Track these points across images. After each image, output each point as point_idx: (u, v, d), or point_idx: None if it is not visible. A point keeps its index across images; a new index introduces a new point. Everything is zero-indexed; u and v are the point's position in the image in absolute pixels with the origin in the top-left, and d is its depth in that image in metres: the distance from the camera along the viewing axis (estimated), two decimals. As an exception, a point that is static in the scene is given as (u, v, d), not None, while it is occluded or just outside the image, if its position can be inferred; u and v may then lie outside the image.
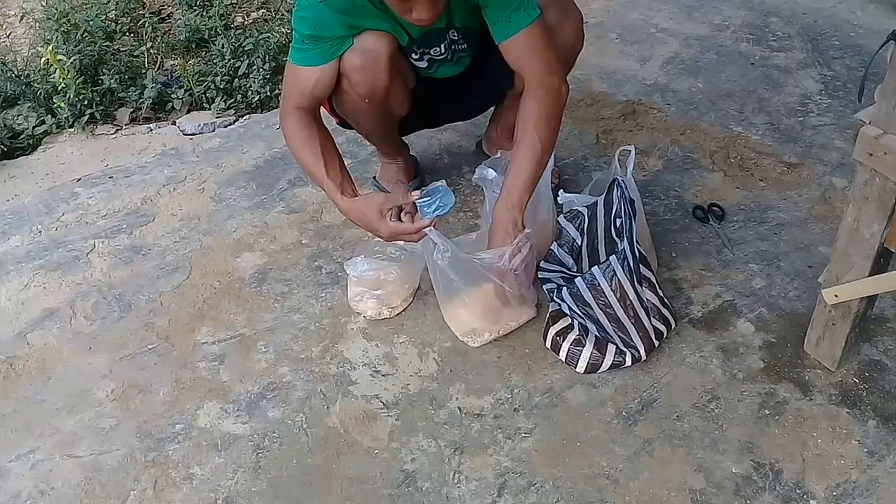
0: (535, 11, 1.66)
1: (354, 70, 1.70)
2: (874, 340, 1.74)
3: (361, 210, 1.69)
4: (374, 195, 1.79)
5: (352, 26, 1.66)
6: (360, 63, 1.69)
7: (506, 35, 1.67)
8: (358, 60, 1.69)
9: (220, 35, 2.96)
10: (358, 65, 1.70)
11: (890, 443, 1.56)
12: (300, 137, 1.72)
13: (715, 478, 1.51)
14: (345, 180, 1.72)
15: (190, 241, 2.08)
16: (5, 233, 2.14)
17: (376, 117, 1.86)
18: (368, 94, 1.75)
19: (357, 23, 1.66)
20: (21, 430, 1.65)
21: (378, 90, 1.75)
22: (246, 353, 1.78)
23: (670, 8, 3.01)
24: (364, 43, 1.68)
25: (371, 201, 1.69)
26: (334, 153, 1.74)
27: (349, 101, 1.79)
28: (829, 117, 2.42)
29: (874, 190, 1.39)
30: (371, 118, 1.86)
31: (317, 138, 1.71)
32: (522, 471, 1.54)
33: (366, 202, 1.70)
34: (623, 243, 1.60)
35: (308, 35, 1.66)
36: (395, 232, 1.67)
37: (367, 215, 1.68)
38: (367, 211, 1.68)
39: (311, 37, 1.66)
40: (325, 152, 1.71)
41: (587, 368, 1.69)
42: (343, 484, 1.53)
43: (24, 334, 1.85)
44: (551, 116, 1.70)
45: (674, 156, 2.29)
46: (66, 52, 2.74)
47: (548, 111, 1.69)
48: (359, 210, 1.69)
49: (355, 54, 1.69)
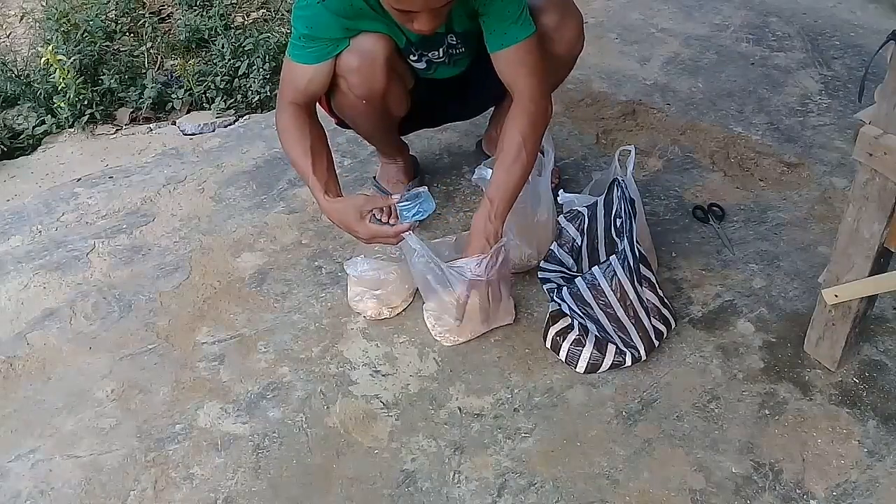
0: (531, 28, 1.68)
1: (351, 71, 1.71)
2: (874, 340, 1.74)
3: (341, 210, 1.69)
4: (355, 197, 1.80)
5: (349, 28, 1.67)
6: (357, 64, 1.69)
7: (500, 45, 1.68)
8: (355, 62, 1.69)
9: (220, 35, 2.96)
10: (355, 66, 1.70)
11: (890, 443, 1.56)
12: (291, 133, 1.72)
13: (715, 478, 1.51)
14: (330, 179, 1.71)
15: (190, 241, 2.08)
16: (5, 233, 2.14)
17: (374, 118, 1.86)
18: (366, 96, 1.75)
19: (354, 25, 1.67)
20: (21, 430, 1.65)
21: (375, 92, 1.75)
22: (246, 353, 1.78)
23: (670, 8, 3.01)
24: (361, 44, 1.68)
25: (351, 202, 1.69)
26: (323, 152, 1.73)
27: (347, 102, 1.80)
28: (829, 117, 2.42)
29: (874, 190, 1.39)
30: (369, 119, 1.86)
31: (308, 136, 1.71)
32: (522, 471, 1.54)
33: (346, 203, 1.69)
34: (623, 243, 1.60)
35: (305, 34, 1.67)
36: (373, 234, 1.67)
37: (346, 216, 1.68)
38: (346, 211, 1.68)
39: (307, 36, 1.67)
40: (314, 150, 1.71)
41: (587, 368, 1.69)
42: (343, 484, 1.53)
43: (24, 334, 1.85)
44: (538, 132, 1.71)
45: (674, 156, 2.29)
46: (66, 52, 2.74)
47: (535, 127, 1.70)
48: (338, 210, 1.69)
49: (352, 55, 1.69)
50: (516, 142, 1.68)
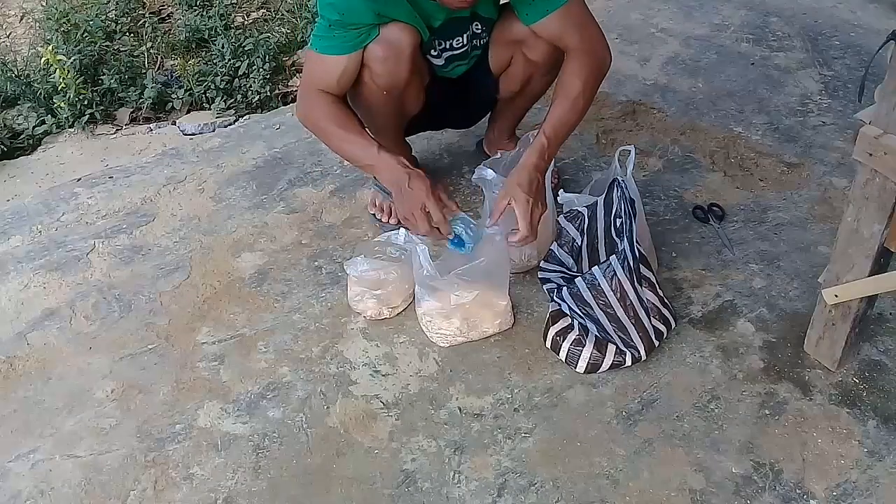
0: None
1: (378, 61, 1.70)
2: (874, 340, 1.74)
3: (420, 175, 1.67)
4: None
5: (379, 14, 1.65)
6: (384, 54, 1.69)
7: (545, 12, 1.70)
8: (382, 51, 1.69)
9: (220, 35, 2.97)
10: (381, 56, 1.69)
11: (890, 443, 1.56)
12: (332, 111, 1.71)
13: (715, 478, 1.51)
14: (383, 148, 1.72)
15: (190, 241, 2.08)
16: (5, 233, 2.14)
17: (390, 112, 1.85)
18: (388, 87, 1.74)
19: (385, 11, 1.65)
20: (21, 430, 1.65)
21: (398, 83, 1.74)
22: (246, 353, 1.78)
23: (670, 8, 3.01)
24: (390, 34, 1.68)
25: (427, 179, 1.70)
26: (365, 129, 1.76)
27: (367, 92, 1.78)
28: (829, 117, 2.42)
29: (874, 190, 1.39)
30: (384, 112, 1.85)
31: (353, 115, 1.71)
32: (522, 471, 1.54)
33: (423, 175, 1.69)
34: (623, 243, 1.60)
35: (336, 21, 1.65)
36: (436, 210, 1.65)
37: (424, 182, 1.66)
38: (425, 179, 1.67)
39: (338, 23, 1.65)
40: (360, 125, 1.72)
41: (587, 368, 1.69)
42: (343, 484, 1.53)
43: (24, 334, 1.85)
44: (597, 81, 1.76)
45: (674, 156, 2.29)
46: (66, 52, 2.74)
47: (594, 76, 1.75)
48: (418, 175, 1.67)
49: (380, 45, 1.68)
50: (576, 88, 1.71)
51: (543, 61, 1.85)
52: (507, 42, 1.86)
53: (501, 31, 1.85)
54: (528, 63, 1.86)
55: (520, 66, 1.89)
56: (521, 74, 1.90)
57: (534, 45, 1.81)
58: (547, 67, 1.87)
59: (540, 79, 1.92)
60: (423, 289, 1.75)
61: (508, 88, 1.97)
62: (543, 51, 1.82)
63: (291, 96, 2.84)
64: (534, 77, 1.91)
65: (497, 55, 1.91)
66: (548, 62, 1.85)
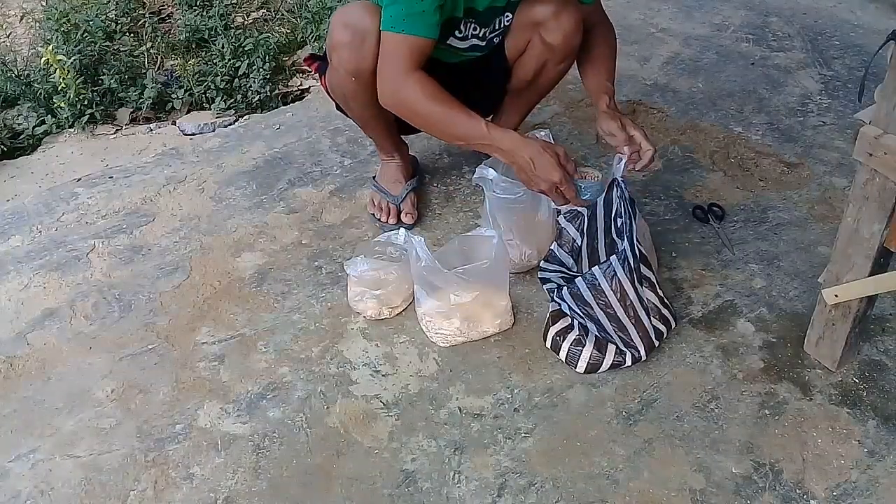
0: None
1: (343, 46, 1.71)
2: (874, 340, 1.74)
3: (542, 144, 1.65)
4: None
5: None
6: (349, 39, 1.70)
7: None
8: (346, 36, 1.70)
9: (220, 35, 2.97)
10: (346, 40, 1.70)
11: (890, 443, 1.56)
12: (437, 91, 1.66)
13: (715, 478, 1.51)
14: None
15: (190, 241, 2.08)
16: (5, 233, 2.14)
17: (366, 102, 1.83)
18: (355, 72, 1.75)
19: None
20: (21, 430, 1.65)
21: (365, 68, 1.73)
22: (246, 353, 1.78)
23: (670, 8, 3.01)
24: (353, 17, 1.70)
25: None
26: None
27: (337, 79, 1.80)
28: (829, 117, 2.42)
29: (874, 190, 1.39)
30: (358, 100, 1.85)
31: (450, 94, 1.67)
32: (522, 471, 1.54)
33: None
34: (623, 243, 1.60)
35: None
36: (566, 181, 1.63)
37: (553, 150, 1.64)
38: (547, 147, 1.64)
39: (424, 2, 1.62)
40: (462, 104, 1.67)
41: (587, 368, 1.69)
42: (343, 484, 1.53)
43: (24, 334, 1.85)
44: (615, 50, 1.94)
45: (674, 156, 2.30)
46: (66, 52, 2.74)
47: (615, 48, 1.94)
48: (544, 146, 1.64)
49: (346, 29, 1.70)
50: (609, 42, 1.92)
51: (559, 46, 1.85)
52: (526, 25, 1.87)
53: (522, 13, 1.87)
54: (544, 47, 1.87)
55: (536, 50, 1.89)
56: (536, 60, 1.91)
57: (553, 28, 1.83)
58: (562, 55, 1.88)
59: (553, 67, 1.92)
60: (422, 288, 1.75)
61: (521, 77, 1.97)
62: (561, 34, 1.83)
63: (291, 96, 2.84)
64: (548, 64, 1.91)
65: (515, 39, 1.92)
66: (563, 48, 1.86)
